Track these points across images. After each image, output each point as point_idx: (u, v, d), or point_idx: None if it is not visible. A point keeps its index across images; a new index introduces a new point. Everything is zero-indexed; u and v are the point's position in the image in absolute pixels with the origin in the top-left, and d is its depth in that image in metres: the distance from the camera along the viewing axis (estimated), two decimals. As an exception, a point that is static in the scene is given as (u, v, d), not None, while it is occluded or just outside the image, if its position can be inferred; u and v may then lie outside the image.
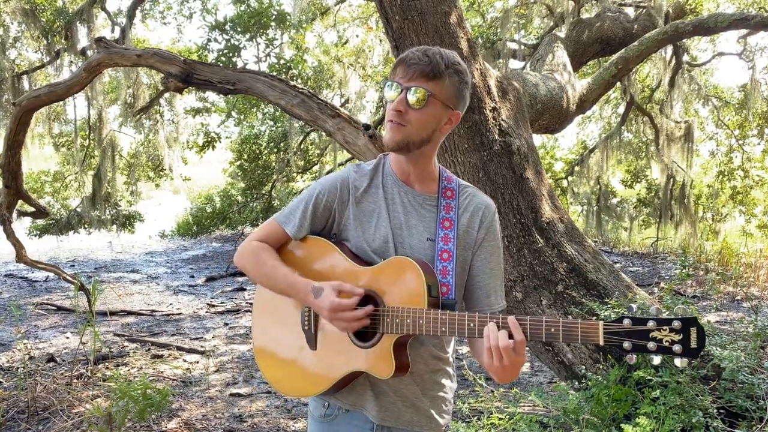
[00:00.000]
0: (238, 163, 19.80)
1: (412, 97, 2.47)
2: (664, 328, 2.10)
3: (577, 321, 2.18)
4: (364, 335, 2.52)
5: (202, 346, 9.93)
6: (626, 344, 2.13)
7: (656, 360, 2.15)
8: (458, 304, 2.59)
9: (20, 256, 9.66)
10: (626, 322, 2.14)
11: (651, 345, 2.11)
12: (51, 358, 8.92)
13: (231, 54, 13.59)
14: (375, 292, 2.52)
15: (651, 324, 2.12)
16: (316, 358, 2.64)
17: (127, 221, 19.26)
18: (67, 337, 10.37)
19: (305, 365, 2.68)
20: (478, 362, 2.67)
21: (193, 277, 16.93)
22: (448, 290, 2.51)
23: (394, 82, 2.49)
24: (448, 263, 2.55)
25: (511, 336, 2.23)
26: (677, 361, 2.12)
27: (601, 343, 2.15)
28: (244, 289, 14.94)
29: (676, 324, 2.09)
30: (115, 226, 19.05)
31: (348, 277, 2.57)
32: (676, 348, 2.08)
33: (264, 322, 2.87)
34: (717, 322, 10.58)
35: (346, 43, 17.47)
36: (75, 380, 7.96)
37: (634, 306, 2.21)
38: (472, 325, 2.33)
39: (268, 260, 2.70)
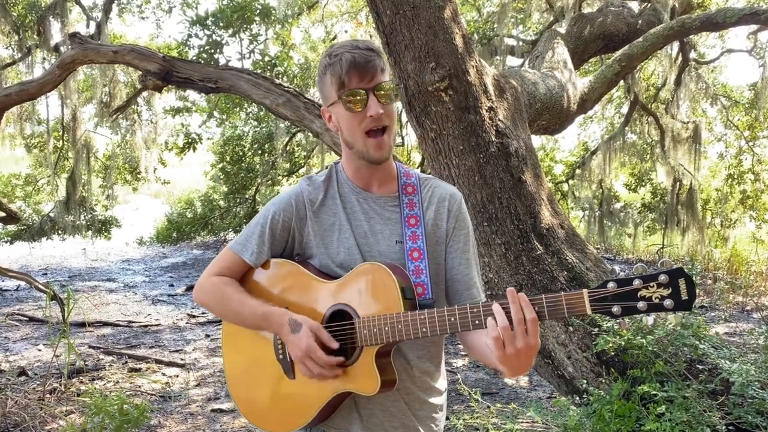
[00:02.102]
0: (221, 165, 19.77)
1: (384, 94, 2.48)
2: (651, 284, 2.10)
3: (560, 294, 2.17)
4: (343, 353, 2.48)
5: (182, 359, 9.92)
6: (615, 309, 2.12)
7: (650, 320, 2.15)
8: (438, 304, 2.55)
9: (-11, 264, 9.65)
10: (611, 285, 2.14)
11: (641, 305, 2.10)
12: (22, 372, 8.89)
13: (213, 50, 13.56)
14: (347, 305, 2.50)
15: (637, 283, 2.11)
16: (297, 388, 2.60)
17: (102, 227, 19.22)
18: (40, 350, 10.34)
19: (286, 397, 2.65)
20: (481, 362, 2.64)
21: (172, 286, 16.92)
22: (424, 290, 2.50)
23: (355, 91, 2.46)
24: (420, 262, 2.54)
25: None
26: (671, 317, 2.15)
27: (589, 311, 2.14)
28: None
29: (662, 278, 2.08)
30: (90, 232, 19.00)
31: (316, 295, 2.56)
32: (668, 303, 2.07)
33: (235, 358, 2.83)
34: (726, 333, 10.60)
35: (334, 39, 17.46)
36: (48, 395, 7.94)
37: (617, 268, 2.21)
38: (453, 319, 2.31)
39: (233, 294, 2.67)
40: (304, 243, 2.67)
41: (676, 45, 13.00)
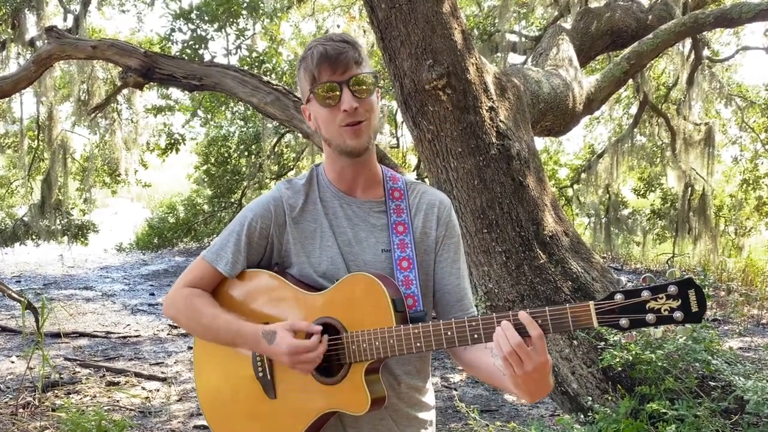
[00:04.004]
0: (205, 167, 19.79)
1: (359, 87, 2.45)
2: (661, 296, 2.11)
3: (565, 306, 2.16)
4: (329, 370, 2.45)
5: (163, 372, 9.90)
6: (623, 321, 2.13)
7: (658, 332, 2.17)
8: (428, 316, 2.54)
9: (-41, 271, 9.64)
10: (618, 297, 2.14)
11: (650, 317, 2.11)
12: (-7, 386, 8.89)
13: (197, 46, 13.55)
14: (334, 318, 2.46)
15: (646, 294, 2.12)
16: (279, 408, 2.56)
17: (79, 232, 19.19)
18: (12, 362, 10.32)
19: (267, 419, 2.59)
20: (493, 385, 2.62)
21: (153, 294, 16.88)
22: (414, 302, 2.48)
23: (327, 84, 2.45)
24: (409, 272, 2.52)
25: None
26: (680, 330, 2.15)
27: (595, 324, 2.14)
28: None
29: (672, 289, 2.09)
30: (66, 238, 19.01)
31: (300, 308, 2.52)
32: (677, 315, 2.08)
33: (209, 377, 2.78)
34: (740, 348, 10.60)
35: (326, 34, 17.45)
36: (21, 410, 7.92)
37: (624, 279, 2.22)
38: (450, 333, 2.29)
39: (205, 308, 2.61)
40: (283, 251, 2.63)
41: (688, 42, 13.01)
